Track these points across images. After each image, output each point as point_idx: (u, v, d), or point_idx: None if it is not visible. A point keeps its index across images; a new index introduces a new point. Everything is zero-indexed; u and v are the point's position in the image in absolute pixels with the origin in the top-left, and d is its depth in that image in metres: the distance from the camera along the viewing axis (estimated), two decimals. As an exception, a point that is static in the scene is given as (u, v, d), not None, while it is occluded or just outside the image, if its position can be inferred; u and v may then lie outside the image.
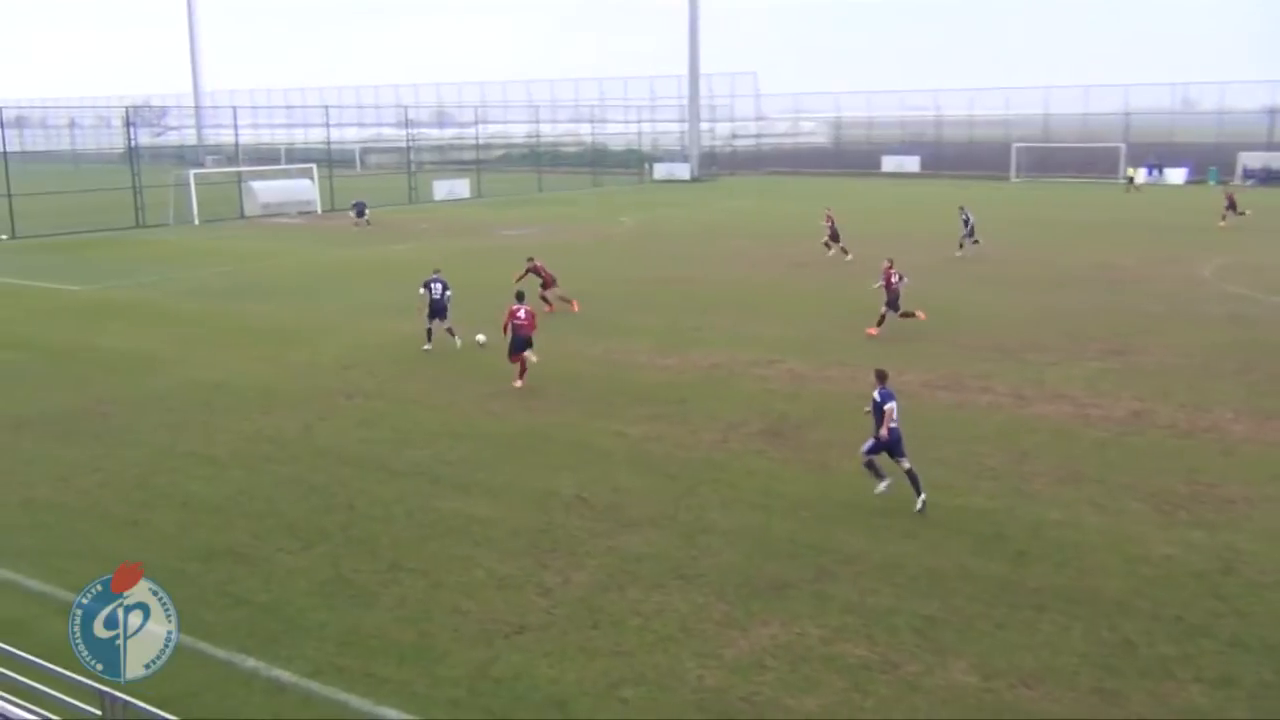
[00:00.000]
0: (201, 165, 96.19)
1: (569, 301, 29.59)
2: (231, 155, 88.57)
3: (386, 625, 11.90)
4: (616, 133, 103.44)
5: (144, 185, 56.38)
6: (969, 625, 11.79)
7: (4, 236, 49.63)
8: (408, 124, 77.02)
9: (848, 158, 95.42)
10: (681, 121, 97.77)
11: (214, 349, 25.78)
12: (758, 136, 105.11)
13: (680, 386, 21.67)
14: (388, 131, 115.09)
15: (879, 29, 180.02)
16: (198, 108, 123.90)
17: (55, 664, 8.35)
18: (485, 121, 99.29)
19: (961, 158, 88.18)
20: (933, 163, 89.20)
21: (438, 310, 24.82)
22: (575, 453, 17.55)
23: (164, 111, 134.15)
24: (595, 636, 11.62)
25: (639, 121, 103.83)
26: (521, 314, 21.83)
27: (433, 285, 24.96)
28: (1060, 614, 12.00)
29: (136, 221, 54.85)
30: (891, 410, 14.69)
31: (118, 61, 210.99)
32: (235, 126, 72.21)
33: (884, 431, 14.69)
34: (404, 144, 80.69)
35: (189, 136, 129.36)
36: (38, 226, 51.48)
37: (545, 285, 29.41)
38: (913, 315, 26.40)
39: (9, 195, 51.13)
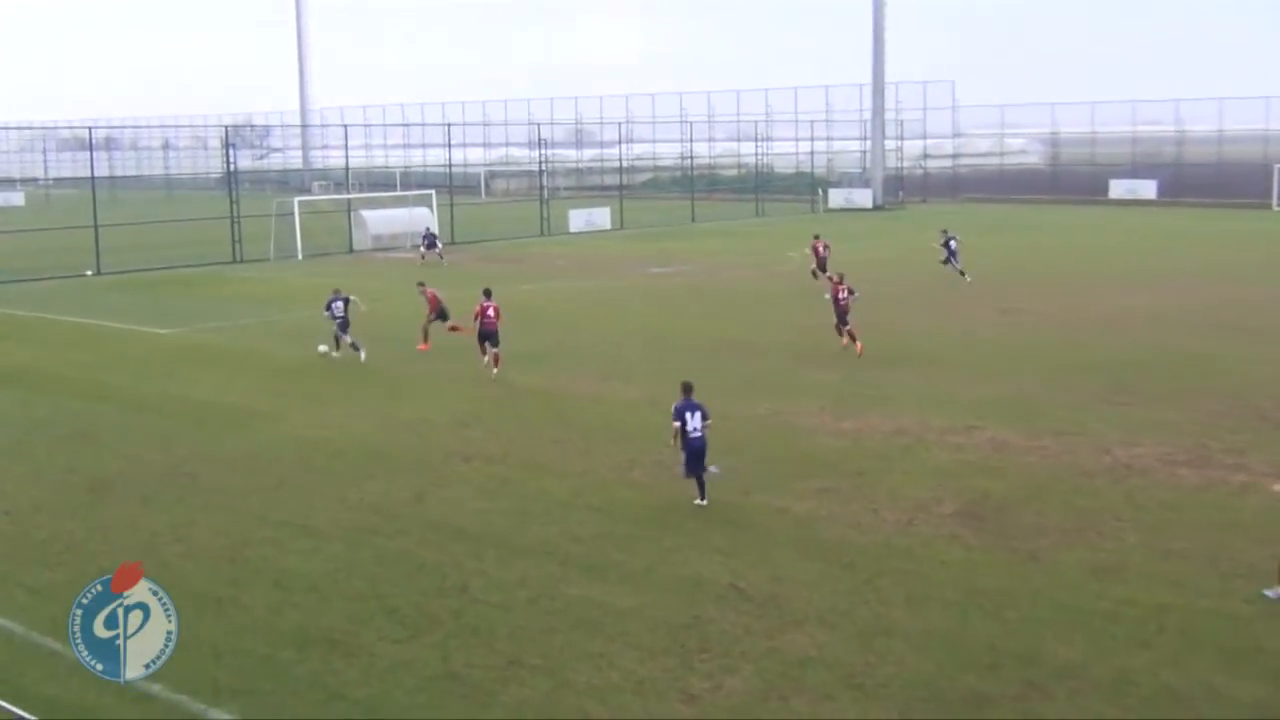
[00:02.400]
0: (307, 192, 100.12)
1: (458, 329, 31.68)
2: (341, 180, 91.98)
3: (503, 732, 11.97)
4: (785, 153, 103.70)
5: (242, 214, 58.75)
6: (1218, 761, 11.24)
7: (88, 273, 52.37)
8: (540, 144, 78.63)
9: (1066, 182, 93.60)
10: (863, 139, 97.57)
11: (315, 402, 26.62)
12: (954, 157, 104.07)
13: (858, 455, 21.41)
14: (517, 152, 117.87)
15: (1102, 27, 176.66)
16: (304, 127, 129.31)
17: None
18: (630, 140, 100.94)
19: (1209, 182, 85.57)
20: (1172, 188, 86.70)
21: (342, 325, 31.24)
22: (730, 532, 17.46)
23: (267, 131, 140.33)
24: (751, 756, 11.47)
25: (811, 139, 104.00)
26: (490, 311, 28.77)
27: (334, 305, 31.38)
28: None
29: (234, 256, 57.24)
30: (682, 426, 18.09)
31: (216, 76, 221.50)
32: (346, 148, 74.99)
33: (683, 444, 18.08)
34: (536, 167, 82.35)
35: (294, 159, 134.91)
36: (125, 261, 54.18)
37: (440, 318, 32.36)
38: (853, 341, 30.44)
39: (95, 226, 54.01)
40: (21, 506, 19.37)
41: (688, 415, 18.36)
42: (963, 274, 44.40)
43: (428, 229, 58.23)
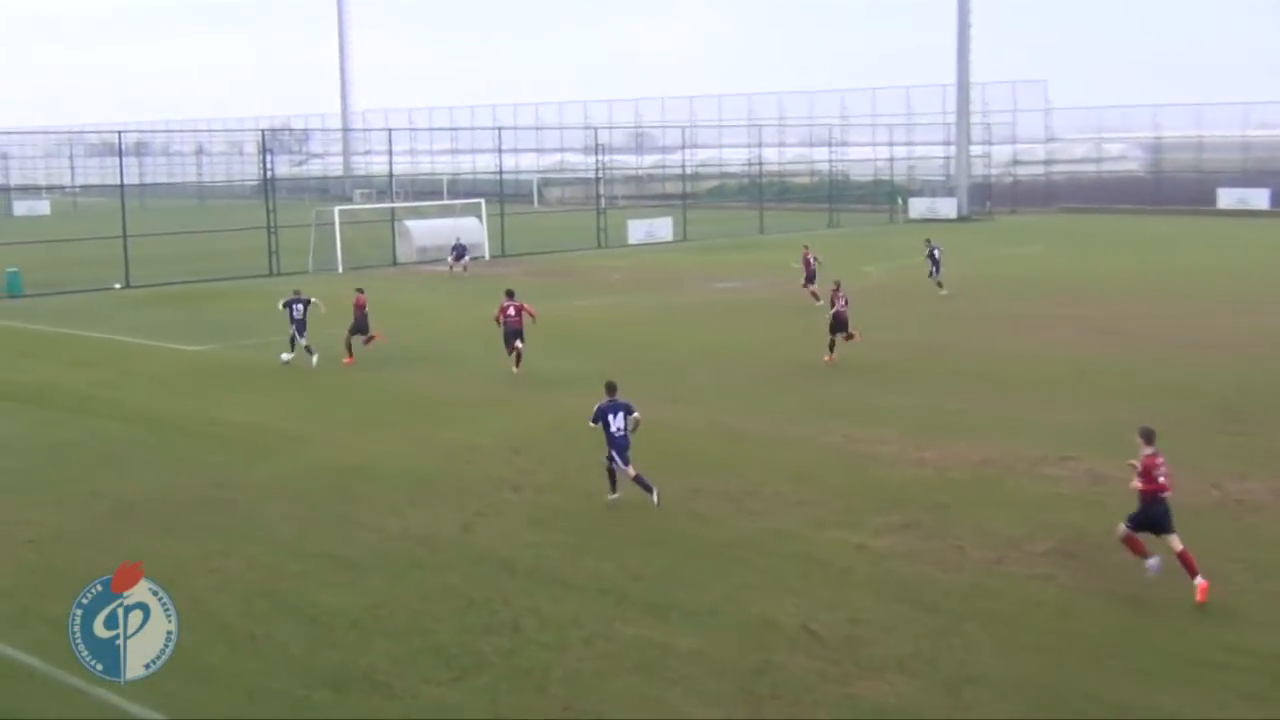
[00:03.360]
0: (348, 200, 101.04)
1: (375, 338, 34.41)
2: (384, 188, 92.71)
3: (556, 783, 11.96)
4: (861, 159, 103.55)
5: (279, 224, 59.41)
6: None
7: (117, 286, 53.17)
8: (597, 149, 79.00)
9: (1169, 190, 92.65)
10: (947, 144, 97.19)
11: (354, 425, 26.84)
12: (1047, 163, 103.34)
13: (941, 487, 21.26)
14: (572, 158, 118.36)
15: (1209, 22, 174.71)
16: (345, 131, 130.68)
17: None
18: (694, 146, 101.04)
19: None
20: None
21: (300, 328, 33.40)
22: (802, 570, 17.38)
23: (306, 136, 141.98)
24: (824, 813, 11.38)
25: (891, 144, 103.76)
26: (511, 310, 31.84)
27: (294, 307, 33.59)
28: None
29: (270, 268, 57.89)
30: (605, 427, 19.70)
31: (252, 78, 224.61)
32: (389, 153, 75.58)
33: (608, 442, 19.66)
34: (592, 174, 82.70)
35: (334, 166, 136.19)
36: (155, 273, 54.96)
37: (358, 330, 34.26)
38: (831, 350, 32.51)
39: (124, 236, 54.85)
40: (43, 534, 19.63)
41: (610, 417, 20.00)
42: (940, 286, 45.84)
43: (458, 239, 59.17)
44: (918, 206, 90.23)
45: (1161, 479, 16.17)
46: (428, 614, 16.04)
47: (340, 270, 58.57)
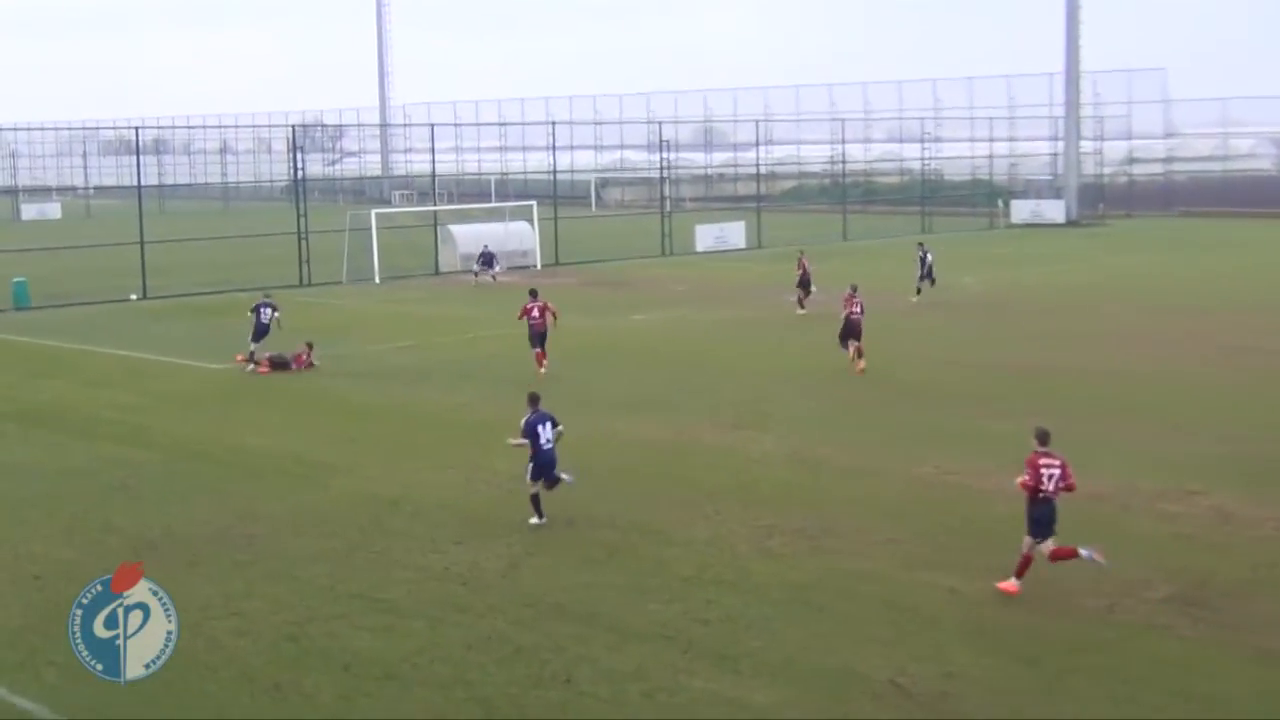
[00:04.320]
0: (386, 203, 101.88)
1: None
2: (425, 190, 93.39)
3: None
4: (957, 156, 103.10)
5: (311, 230, 59.92)
6: None
7: (133, 296, 53.83)
8: (662, 146, 79.18)
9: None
10: (1053, 140, 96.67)
11: (392, 452, 26.99)
12: (1166, 161, 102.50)
13: (1046, 526, 21.06)
14: (634, 156, 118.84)
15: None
16: (383, 126, 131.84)
17: None
18: (770, 142, 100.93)
19: None
20: None
21: (260, 333, 36.20)
22: (889, 616, 17.31)
23: (340, 133, 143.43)
24: None
25: (990, 140, 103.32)
26: (535, 310, 34.44)
27: (262, 310, 36.60)
28: None
29: (300, 278, 58.41)
30: (535, 439, 21.04)
31: (282, 70, 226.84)
32: (432, 151, 75.82)
33: (532, 455, 21.10)
34: (656, 173, 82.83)
35: (371, 165, 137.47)
36: (175, 283, 55.64)
37: (286, 364, 36.25)
38: (859, 358, 33.80)
39: (141, 242, 55.56)
40: (52, 570, 19.85)
41: (540, 429, 21.36)
42: (918, 291, 48.75)
43: (485, 246, 59.74)
44: (1021, 210, 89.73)
45: (1048, 482, 17.66)
46: (472, 663, 16.08)
47: (377, 280, 59.02)
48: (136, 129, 69.70)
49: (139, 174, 63.26)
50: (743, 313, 46.52)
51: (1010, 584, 18.01)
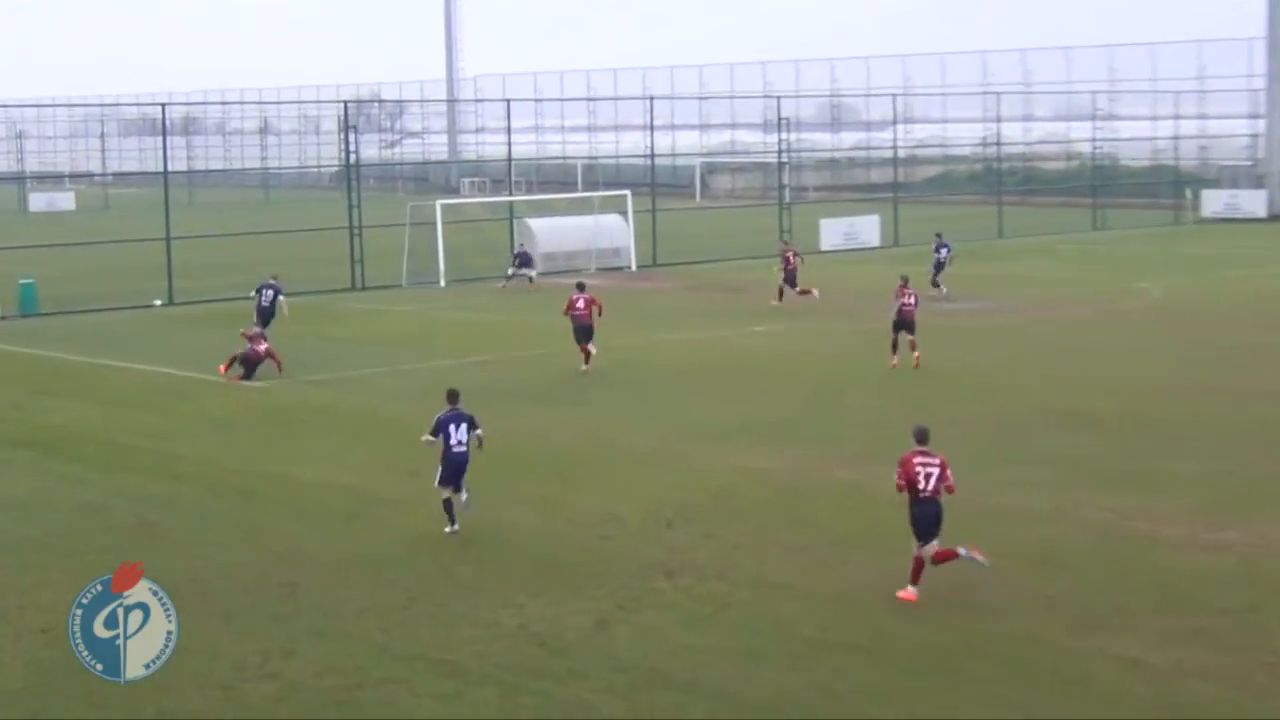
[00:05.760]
0: (454, 192, 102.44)
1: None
2: (500, 177, 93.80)
3: None
4: (1136, 136, 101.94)
5: (365, 224, 60.24)
6: None
7: (158, 302, 54.60)
8: (781, 125, 78.88)
9: None
10: (1253, 118, 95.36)
11: (460, 487, 27.05)
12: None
13: (1245, 583, 20.82)
14: (747, 137, 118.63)
15: None
16: (451, 102, 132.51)
17: None
18: (909, 120, 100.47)
19: None
20: None
21: (261, 316, 40.31)
22: (1054, 690, 17.15)
23: (400, 110, 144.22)
24: None
25: (1176, 118, 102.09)
26: (580, 304, 37.77)
27: (264, 292, 41.32)
28: None
29: (352, 280, 58.88)
30: (445, 439, 23.15)
31: (332, 36, 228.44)
32: (508, 131, 75.42)
33: (443, 457, 23.23)
34: (774, 157, 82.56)
35: (436, 148, 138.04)
36: (206, 286, 56.31)
37: (253, 364, 37.93)
38: (912, 350, 37.79)
39: (168, 239, 56.27)
40: (60, 624, 19.73)
41: (452, 428, 23.35)
42: (935, 285, 51.82)
43: (520, 246, 60.40)
44: (1213, 201, 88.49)
45: (925, 481, 19.88)
46: (553, 738, 16.12)
47: (443, 284, 59.30)
48: (163, 105, 70.27)
49: (165, 158, 63.64)
50: (876, 323, 46.09)
51: (908, 592, 19.83)
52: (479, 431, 23.74)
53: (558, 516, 24.87)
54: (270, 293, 41.17)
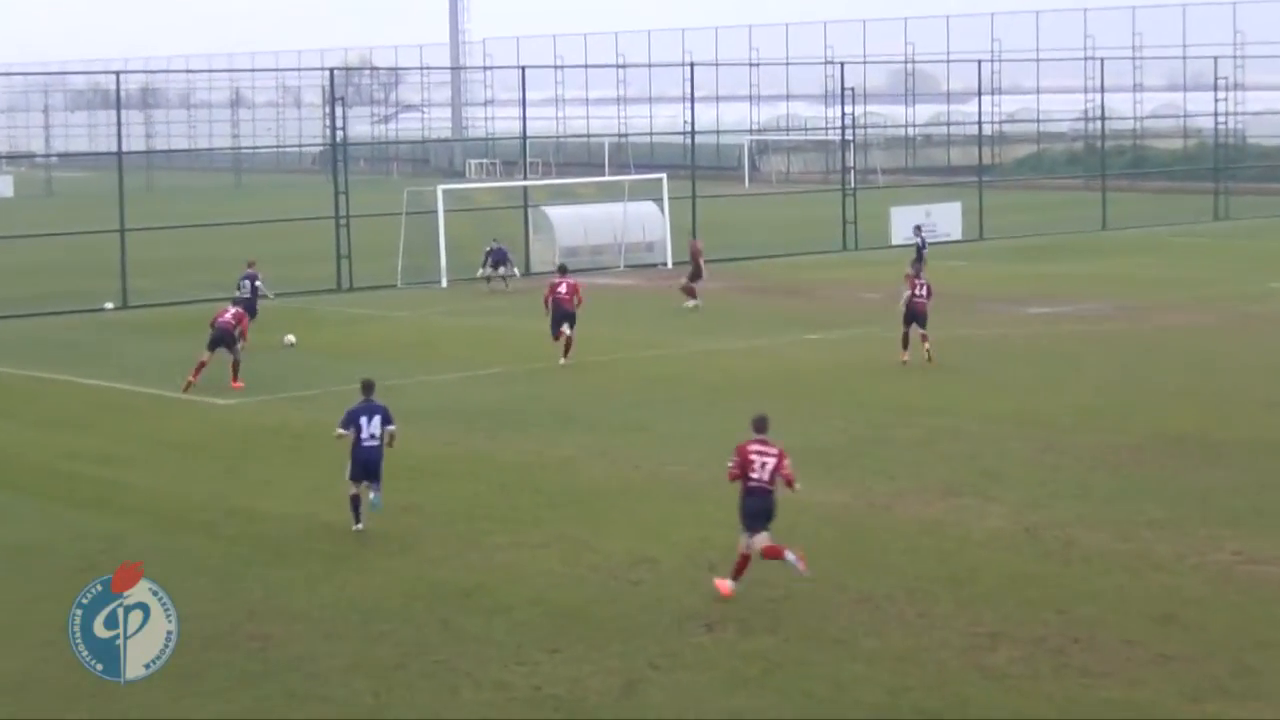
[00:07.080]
0: (458, 176, 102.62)
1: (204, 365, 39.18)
2: (513, 157, 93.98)
3: None
4: (1267, 110, 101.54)
5: (354, 212, 60.43)
6: None
7: (109, 305, 54.87)
8: (844, 97, 78.86)
9: None
10: None
11: (465, 523, 27.08)
12: None
13: (1397, 640, 20.69)
14: (804, 110, 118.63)
15: None
16: (455, 70, 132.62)
17: None
18: (996, 91, 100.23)
19: None
20: None
21: (249, 310, 42.03)
22: (1166, 768, 17.05)
23: (395, 79, 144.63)
24: None
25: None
26: (563, 288, 41.28)
27: (241, 284, 44.22)
28: None
29: (338, 280, 59.10)
30: (356, 432, 25.23)
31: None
32: (523, 103, 75.16)
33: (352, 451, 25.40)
34: (836, 134, 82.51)
35: (438, 124, 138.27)
36: (166, 287, 56.71)
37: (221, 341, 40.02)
38: (924, 342, 40.30)
39: (122, 230, 56.55)
40: (-2, 685, 20.08)
41: (363, 420, 25.55)
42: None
43: (494, 242, 60.11)
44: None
45: (760, 469, 21.92)
46: (573, 823, 16.11)
47: (444, 283, 59.41)
48: (117, 74, 70.80)
49: (120, 135, 63.91)
50: (957, 330, 46.16)
51: (725, 584, 22.02)
52: (392, 427, 25.89)
53: (580, 560, 24.88)
54: (247, 283, 43.31)
